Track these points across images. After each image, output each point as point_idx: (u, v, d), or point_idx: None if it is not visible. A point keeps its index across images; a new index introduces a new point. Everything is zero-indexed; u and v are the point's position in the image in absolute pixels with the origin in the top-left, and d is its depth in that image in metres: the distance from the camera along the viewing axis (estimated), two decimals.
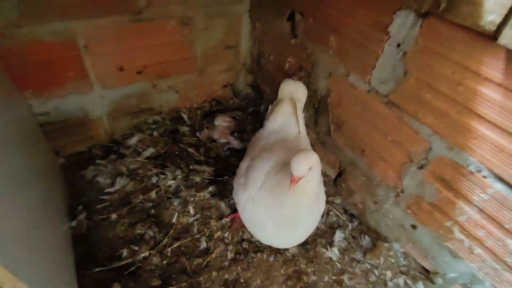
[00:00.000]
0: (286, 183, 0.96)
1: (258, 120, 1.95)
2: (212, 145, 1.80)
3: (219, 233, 1.39)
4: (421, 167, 1.15)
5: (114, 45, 1.47)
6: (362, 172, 1.42)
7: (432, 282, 1.26)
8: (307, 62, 1.56)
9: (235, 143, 1.82)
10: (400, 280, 1.30)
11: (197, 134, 1.83)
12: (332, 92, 1.45)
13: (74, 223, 1.37)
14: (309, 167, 0.92)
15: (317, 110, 1.58)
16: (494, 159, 0.92)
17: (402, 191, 1.26)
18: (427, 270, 1.31)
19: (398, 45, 1.08)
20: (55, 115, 1.51)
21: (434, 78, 1.00)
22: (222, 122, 1.85)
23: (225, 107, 2.04)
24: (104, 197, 1.48)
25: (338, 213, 1.54)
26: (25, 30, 1.24)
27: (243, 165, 1.24)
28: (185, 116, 1.89)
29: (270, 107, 1.43)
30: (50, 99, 1.45)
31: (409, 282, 1.30)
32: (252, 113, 2.02)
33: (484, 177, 0.96)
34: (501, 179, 0.93)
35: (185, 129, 1.84)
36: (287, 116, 1.33)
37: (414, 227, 1.26)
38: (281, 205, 1.03)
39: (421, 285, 1.28)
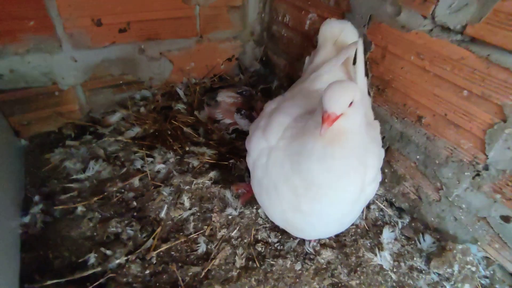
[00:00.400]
0: (315, 126, 0.67)
1: (269, 97, 1.59)
2: (214, 127, 1.44)
3: (223, 231, 1.00)
4: None
5: None
6: (417, 148, 1.05)
7: None
8: (335, 12, 1.22)
9: (242, 123, 1.45)
10: None
11: (196, 113, 1.47)
12: (373, 43, 1.10)
13: (27, 219, 0.99)
14: (350, 101, 0.65)
15: None
16: None
17: (485, 168, 0.88)
18: None
19: None
20: (11, 80, 1.16)
21: None
22: (226, 98, 1.50)
23: (230, 84, 1.70)
24: (70, 185, 1.11)
25: (382, 207, 1.15)
26: None
27: (270, 106, 0.92)
28: (180, 92, 1.54)
29: (307, 58, 1.09)
30: (3, 57, 1.11)
31: None
32: (262, 91, 1.67)
33: None
34: None
35: (180, 106, 1.48)
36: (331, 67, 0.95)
37: (507, 219, 0.87)
38: (306, 159, 0.70)
39: None
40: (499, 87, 0.80)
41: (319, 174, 0.70)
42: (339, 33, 1.04)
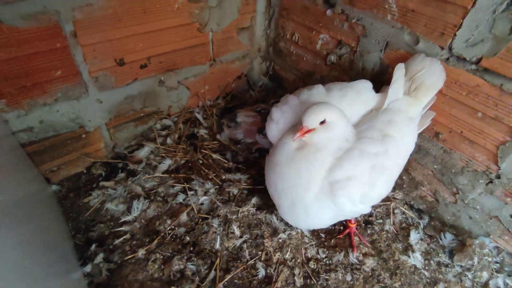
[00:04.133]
0: (294, 132, 0.90)
1: None
2: (237, 148, 1.50)
3: (278, 254, 1.11)
4: None
5: (110, 31, 1.12)
6: (434, 160, 1.20)
7: None
8: (349, 35, 1.30)
9: (263, 142, 1.53)
10: (499, 281, 1.09)
11: (218, 137, 1.52)
12: (390, 67, 1.20)
13: (88, 268, 1.03)
14: (320, 119, 0.87)
15: None
16: None
17: (498, 177, 1.04)
18: None
19: None
20: (41, 131, 1.15)
21: None
22: (245, 118, 1.55)
23: (242, 102, 1.75)
24: (121, 228, 1.14)
25: (404, 210, 1.31)
26: None
27: (294, 93, 1.11)
28: (200, 117, 1.57)
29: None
30: (33, 110, 1.09)
31: (508, 281, 1.09)
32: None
33: None
34: None
35: (202, 131, 1.52)
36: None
37: None
38: (281, 153, 0.96)
39: None
40: (511, 112, 0.94)
41: (284, 167, 0.94)
42: (419, 70, 1.04)
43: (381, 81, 1.25)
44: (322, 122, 0.88)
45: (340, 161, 0.89)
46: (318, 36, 1.44)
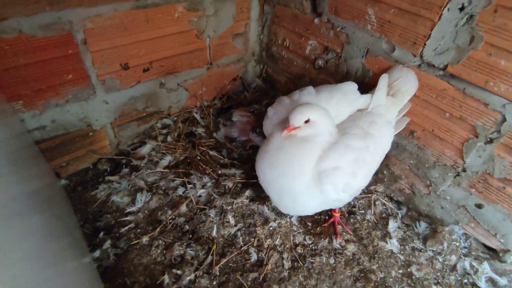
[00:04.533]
0: (283, 128, 1.02)
1: None
2: (232, 145, 1.62)
3: (268, 241, 1.23)
4: (490, 141, 1.07)
5: (117, 39, 1.24)
6: (410, 156, 1.33)
7: (501, 261, 1.20)
8: (335, 42, 1.43)
9: (257, 140, 1.65)
10: (466, 264, 1.22)
11: (214, 135, 1.64)
12: (371, 71, 1.33)
13: (97, 254, 1.14)
14: (304, 119, 0.98)
15: None
16: None
17: (463, 170, 1.17)
18: (491, 249, 1.24)
19: (461, 9, 0.97)
20: (53, 129, 1.25)
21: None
22: (240, 117, 1.67)
23: (237, 102, 1.86)
24: (126, 218, 1.26)
25: (384, 201, 1.44)
26: (8, 25, 0.98)
27: (287, 95, 1.22)
28: (198, 117, 1.68)
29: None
30: (46, 110, 1.20)
31: (474, 264, 1.22)
32: (267, 105, 1.85)
33: None
34: None
35: (200, 130, 1.64)
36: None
37: (479, 206, 1.19)
38: (271, 144, 1.07)
39: (487, 266, 1.21)
40: (472, 113, 1.07)
41: (274, 154, 1.05)
42: (397, 79, 1.18)
43: (363, 83, 1.37)
44: (307, 121, 1.00)
45: (327, 153, 1.01)
46: (307, 42, 1.56)
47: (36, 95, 1.14)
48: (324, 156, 1.00)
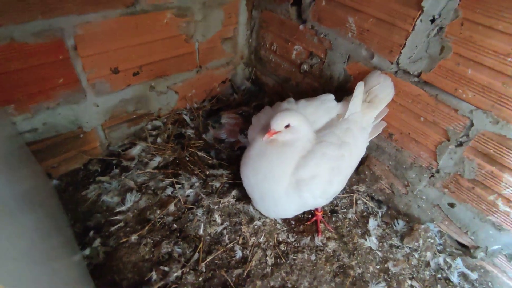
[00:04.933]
0: (264, 133, 1.06)
1: None
2: (221, 146, 1.67)
3: (253, 239, 1.28)
4: (460, 145, 1.13)
5: (106, 44, 1.28)
6: (389, 157, 1.39)
7: (472, 257, 1.27)
8: (319, 48, 1.48)
9: (245, 142, 1.70)
10: (440, 259, 1.29)
11: (203, 136, 1.69)
12: (353, 77, 1.39)
13: (87, 252, 1.19)
14: (285, 124, 1.03)
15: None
16: None
17: (437, 171, 1.24)
18: (463, 246, 1.32)
19: (432, 21, 1.04)
20: (44, 131, 1.29)
21: (477, 52, 0.97)
22: (229, 119, 1.73)
23: (226, 104, 1.91)
24: (116, 217, 1.30)
25: (365, 201, 1.50)
26: (1, 32, 1.02)
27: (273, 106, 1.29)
28: (187, 119, 1.73)
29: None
30: (37, 113, 1.24)
31: (448, 260, 1.30)
32: (256, 107, 1.91)
33: None
34: None
35: (190, 132, 1.68)
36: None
37: (452, 205, 1.26)
38: (254, 149, 1.13)
39: (460, 261, 1.29)
40: (444, 117, 1.14)
41: (256, 160, 1.11)
42: (375, 85, 1.23)
43: (345, 88, 1.44)
44: (287, 126, 1.05)
45: (305, 160, 1.07)
46: (293, 47, 1.62)
47: (28, 99, 1.18)
48: (302, 164, 1.06)
